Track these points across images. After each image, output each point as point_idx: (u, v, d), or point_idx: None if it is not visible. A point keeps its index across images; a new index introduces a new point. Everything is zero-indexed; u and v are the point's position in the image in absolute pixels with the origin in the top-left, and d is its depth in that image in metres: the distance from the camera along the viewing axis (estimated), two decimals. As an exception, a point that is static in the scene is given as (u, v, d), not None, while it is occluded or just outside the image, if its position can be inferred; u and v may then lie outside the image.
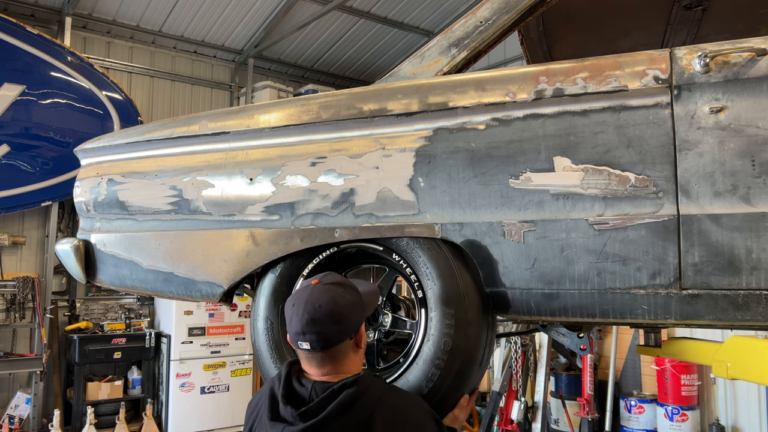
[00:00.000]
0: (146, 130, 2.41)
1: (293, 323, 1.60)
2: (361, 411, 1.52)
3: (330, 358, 1.60)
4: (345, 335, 1.60)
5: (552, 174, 1.72)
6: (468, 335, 1.79)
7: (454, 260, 1.83)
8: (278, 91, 8.15)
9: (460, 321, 1.78)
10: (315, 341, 1.57)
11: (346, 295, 1.62)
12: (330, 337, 1.58)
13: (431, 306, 1.82)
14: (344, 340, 1.60)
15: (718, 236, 1.56)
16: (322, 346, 1.58)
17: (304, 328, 1.57)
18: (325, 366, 1.61)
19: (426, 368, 1.80)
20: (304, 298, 1.60)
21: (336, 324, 1.57)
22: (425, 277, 1.85)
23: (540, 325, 2.50)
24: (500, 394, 5.21)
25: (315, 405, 1.53)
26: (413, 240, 1.87)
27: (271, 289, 2.06)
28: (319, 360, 1.61)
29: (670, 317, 1.62)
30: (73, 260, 2.48)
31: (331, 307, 1.57)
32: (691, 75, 1.63)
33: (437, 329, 1.80)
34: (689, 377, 5.90)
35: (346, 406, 1.51)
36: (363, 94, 2.01)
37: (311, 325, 1.56)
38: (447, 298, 1.80)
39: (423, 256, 1.85)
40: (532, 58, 3.02)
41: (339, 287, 1.63)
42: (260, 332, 2.05)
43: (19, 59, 6.45)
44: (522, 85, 1.79)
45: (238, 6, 7.44)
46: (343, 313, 1.59)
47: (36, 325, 6.54)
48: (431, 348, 1.80)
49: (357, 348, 1.66)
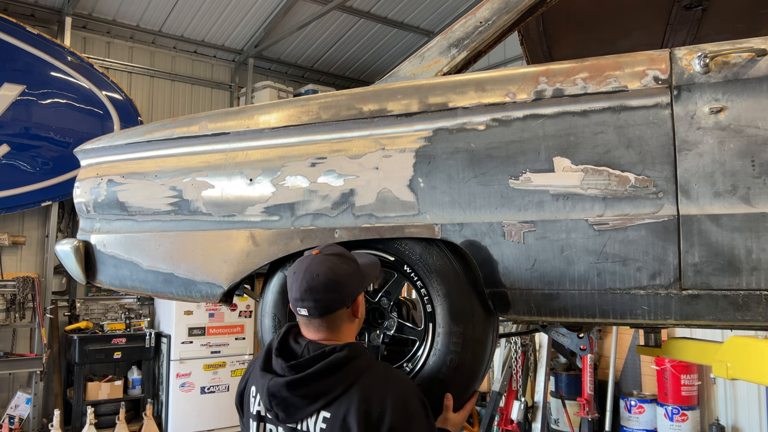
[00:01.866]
0: (146, 130, 2.41)
1: (293, 290, 1.68)
2: (348, 374, 1.58)
3: (327, 325, 1.67)
4: (341, 304, 1.67)
5: (552, 174, 1.72)
6: (474, 352, 1.83)
7: (466, 278, 1.84)
8: (278, 91, 8.15)
9: (467, 339, 1.82)
10: (313, 308, 1.65)
11: (344, 266, 1.69)
12: (327, 305, 1.65)
13: (439, 322, 1.84)
14: (341, 308, 1.67)
15: (718, 236, 1.56)
16: (319, 313, 1.65)
17: (303, 295, 1.65)
18: (321, 332, 1.68)
19: (430, 381, 1.83)
20: (303, 267, 1.67)
21: (333, 292, 1.64)
22: (435, 293, 1.86)
23: (540, 326, 2.50)
24: (500, 394, 5.21)
25: (305, 360, 1.61)
26: (426, 253, 1.87)
27: (279, 287, 2.07)
28: (316, 326, 1.68)
29: (670, 317, 1.62)
30: (73, 261, 2.48)
31: (329, 276, 1.64)
32: (691, 75, 1.63)
33: (444, 345, 1.83)
34: (689, 377, 5.90)
35: (334, 367, 1.58)
36: (363, 95, 2.01)
37: (309, 293, 1.64)
38: (456, 316, 1.82)
39: (435, 272, 1.86)
40: (532, 58, 3.02)
41: (338, 258, 1.70)
42: (267, 329, 2.07)
43: (19, 59, 6.45)
44: (522, 86, 1.78)
45: (238, 6, 7.44)
46: (340, 282, 1.66)
47: (36, 325, 6.54)
48: (436, 362, 1.83)
49: (354, 317, 1.72)
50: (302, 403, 1.58)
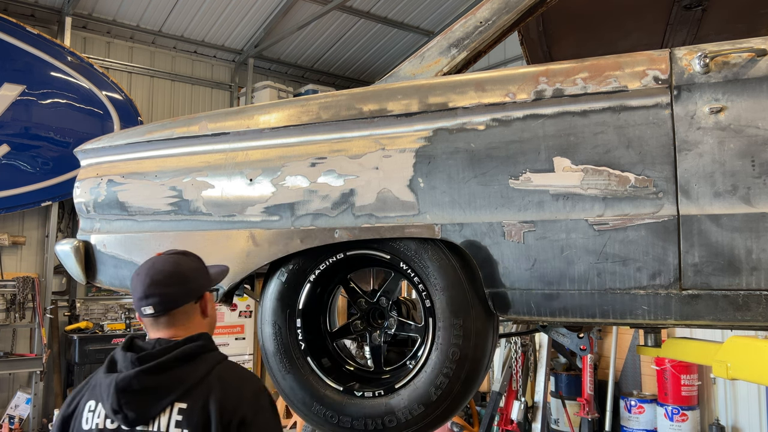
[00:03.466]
0: (146, 130, 2.41)
1: (137, 290, 1.62)
2: (203, 364, 1.56)
3: (175, 321, 1.62)
4: (189, 297, 1.63)
5: (552, 174, 1.72)
6: (476, 344, 1.83)
7: (463, 271, 1.84)
8: (278, 91, 8.15)
9: (468, 331, 1.82)
10: (158, 303, 1.59)
11: (189, 262, 1.67)
12: (173, 298, 1.61)
13: (439, 316, 1.85)
14: (188, 302, 1.63)
15: (718, 236, 1.56)
16: (165, 308, 1.60)
17: (147, 291, 1.60)
18: (170, 329, 1.63)
19: (434, 376, 1.84)
20: (147, 266, 1.64)
21: (178, 285, 1.61)
22: (433, 288, 1.86)
23: (540, 326, 2.50)
24: (500, 394, 5.21)
25: (157, 351, 1.55)
26: (422, 249, 1.88)
27: (278, 294, 2.07)
28: (164, 324, 1.62)
29: (670, 317, 1.62)
30: (73, 261, 2.48)
31: (174, 269, 1.62)
32: (690, 75, 1.63)
33: (445, 339, 1.83)
34: (689, 377, 5.90)
35: (189, 356, 1.54)
36: (363, 95, 2.01)
37: (153, 287, 1.59)
38: (455, 309, 1.82)
39: (431, 267, 1.86)
40: (532, 58, 3.02)
41: (181, 255, 1.68)
42: (268, 337, 2.06)
43: (19, 59, 6.45)
44: (522, 86, 1.78)
45: (238, 6, 7.44)
46: (186, 275, 1.63)
47: (36, 325, 6.54)
48: (439, 357, 1.84)
49: (204, 315, 1.69)
50: (155, 395, 1.50)
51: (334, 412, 1.94)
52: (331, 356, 2.12)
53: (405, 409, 1.86)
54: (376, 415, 1.89)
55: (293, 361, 2.01)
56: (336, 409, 1.94)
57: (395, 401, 1.88)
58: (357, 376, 2.09)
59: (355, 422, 1.91)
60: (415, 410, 1.85)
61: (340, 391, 1.97)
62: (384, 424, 1.88)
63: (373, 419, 1.89)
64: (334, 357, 2.13)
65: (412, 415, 1.85)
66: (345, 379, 2.04)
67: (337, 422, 1.94)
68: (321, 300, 2.13)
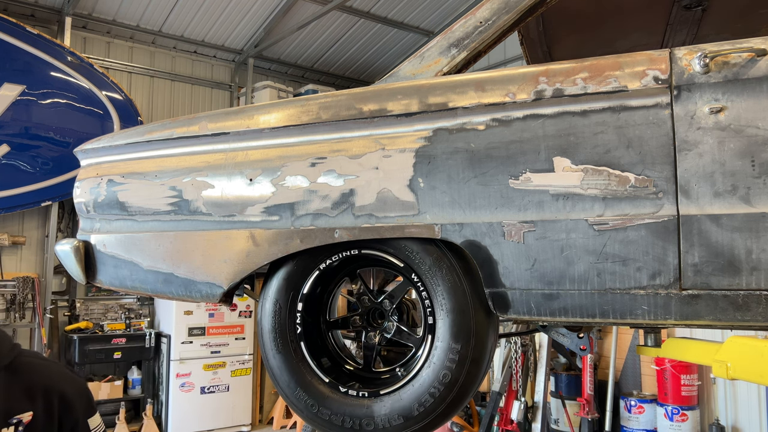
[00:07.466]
0: (146, 130, 2.41)
1: None
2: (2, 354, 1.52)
3: None
4: None
5: (552, 174, 1.72)
6: (468, 372, 1.82)
7: (472, 296, 1.84)
8: (278, 91, 8.15)
9: (464, 358, 1.81)
10: None
11: None
12: None
13: (439, 335, 1.84)
14: None
15: (718, 237, 1.56)
16: None
17: None
18: None
19: (420, 393, 1.84)
20: None
21: None
22: (439, 307, 1.86)
23: (540, 326, 2.50)
24: (500, 394, 5.22)
25: None
26: (436, 266, 1.87)
27: (286, 274, 2.07)
28: None
29: (670, 317, 1.62)
30: (72, 261, 2.48)
31: None
32: (690, 75, 1.63)
33: (440, 359, 1.83)
34: (689, 377, 5.90)
35: None
36: (363, 95, 2.01)
37: None
38: (456, 333, 1.82)
39: (441, 286, 1.86)
40: (532, 58, 3.02)
41: None
42: (267, 312, 2.07)
43: (19, 59, 6.45)
44: (522, 86, 1.78)
45: (238, 6, 7.44)
46: None
47: (36, 325, 6.54)
48: (430, 375, 1.83)
49: None
50: None
51: (315, 401, 1.95)
52: (327, 350, 2.12)
53: (385, 417, 1.86)
54: (355, 416, 1.90)
55: (287, 343, 2.03)
56: (318, 399, 1.95)
57: (377, 406, 1.88)
58: (346, 373, 2.10)
59: (334, 417, 1.92)
60: (394, 420, 1.84)
61: (326, 383, 1.97)
62: (362, 426, 1.88)
63: (352, 418, 1.90)
64: (329, 351, 2.13)
65: (391, 424, 1.84)
66: (332, 372, 2.04)
67: (316, 412, 1.94)
68: (325, 290, 2.14)
